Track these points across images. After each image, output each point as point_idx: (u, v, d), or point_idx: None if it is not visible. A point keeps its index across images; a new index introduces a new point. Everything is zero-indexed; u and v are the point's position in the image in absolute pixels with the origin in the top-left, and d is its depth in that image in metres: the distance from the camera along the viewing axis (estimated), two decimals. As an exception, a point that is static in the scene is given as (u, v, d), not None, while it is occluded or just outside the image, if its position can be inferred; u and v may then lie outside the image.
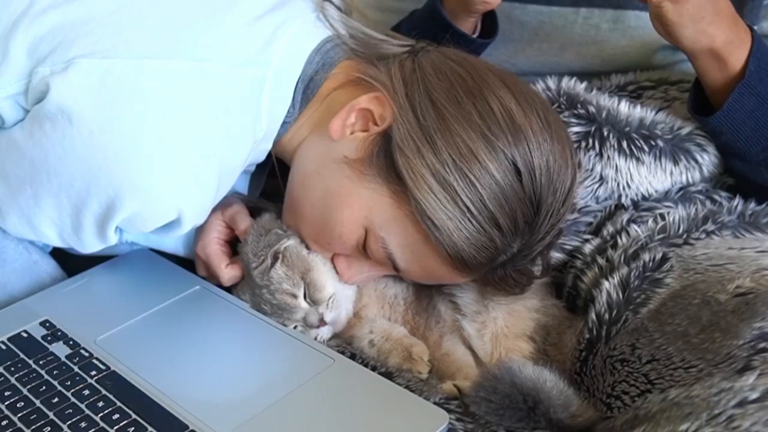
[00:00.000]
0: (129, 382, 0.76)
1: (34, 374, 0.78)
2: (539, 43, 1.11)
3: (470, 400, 0.74)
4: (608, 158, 0.92)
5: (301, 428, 0.72)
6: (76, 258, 0.93)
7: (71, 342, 0.82)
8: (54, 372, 0.78)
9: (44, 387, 0.76)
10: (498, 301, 0.87)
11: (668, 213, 0.89)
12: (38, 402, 0.74)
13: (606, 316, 0.81)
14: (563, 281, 0.93)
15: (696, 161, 0.94)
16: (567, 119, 0.93)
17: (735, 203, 0.91)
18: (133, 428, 0.71)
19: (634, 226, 0.89)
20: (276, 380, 0.77)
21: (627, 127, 0.93)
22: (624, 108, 0.95)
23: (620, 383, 0.75)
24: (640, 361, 0.74)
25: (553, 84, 0.98)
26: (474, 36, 1.02)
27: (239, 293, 0.91)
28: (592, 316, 0.82)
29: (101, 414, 0.73)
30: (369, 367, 0.80)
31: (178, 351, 0.82)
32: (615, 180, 0.93)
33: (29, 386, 0.76)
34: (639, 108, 0.96)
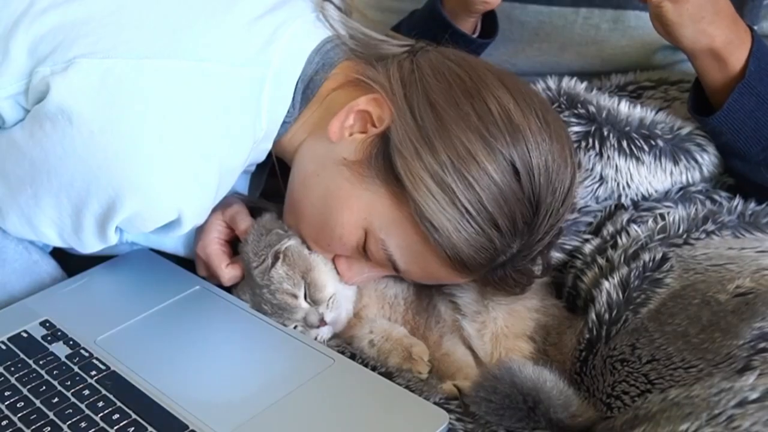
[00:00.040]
0: (129, 382, 0.76)
1: (34, 374, 0.78)
2: (539, 43, 1.11)
3: (470, 400, 0.74)
4: (608, 158, 0.92)
5: (301, 428, 0.72)
6: (76, 258, 0.93)
7: (71, 342, 0.82)
8: (54, 372, 0.78)
9: (44, 387, 0.76)
10: (498, 301, 0.87)
11: (668, 213, 0.89)
12: (38, 402, 0.74)
13: (606, 316, 0.81)
14: (563, 281, 0.93)
15: (696, 161, 0.94)
16: (567, 119, 0.93)
17: (735, 203, 0.91)
18: (133, 428, 0.71)
19: (634, 226, 0.89)
20: (276, 380, 0.77)
21: (627, 127, 0.93)
22: (624, 108, 0.95)
23: (620, 383, 0.75)
24: (640, 361, 0.74)
25: (554, 84, 0.97)
26: (474, 36, 1.02)
27: (239, 293, 0.91)
28: (592, 316, 0.82)
29: (101, 414, 0.73)
30: (369, 367, 0.80)
31: (178, 351, 0.82)
32: (615, 180, 0.93)
33: (29, 386, 0.76)
34: (639, 108, 0.96)
